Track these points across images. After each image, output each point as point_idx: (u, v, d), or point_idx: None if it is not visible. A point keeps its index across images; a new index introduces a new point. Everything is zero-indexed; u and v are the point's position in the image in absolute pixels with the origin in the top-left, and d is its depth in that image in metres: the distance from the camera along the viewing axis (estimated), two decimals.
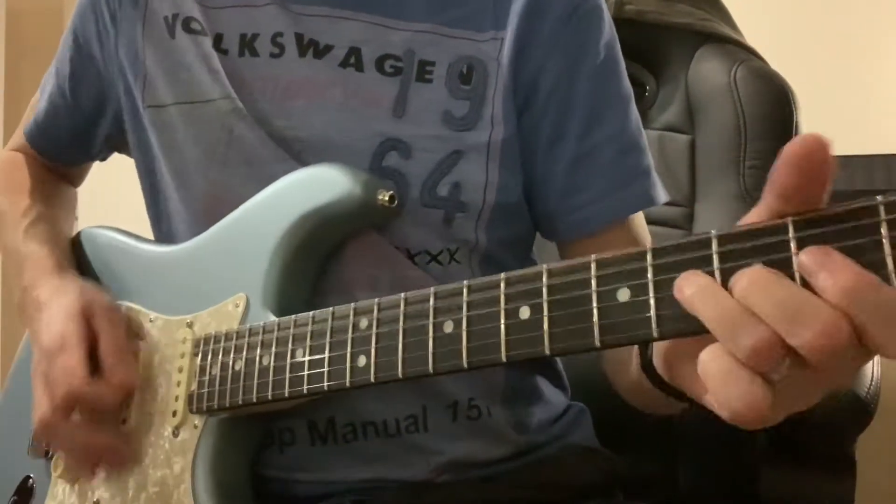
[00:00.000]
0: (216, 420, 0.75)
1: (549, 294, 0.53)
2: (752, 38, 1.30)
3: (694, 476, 1.14)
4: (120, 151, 1.02)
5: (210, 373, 0.74)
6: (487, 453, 0.83)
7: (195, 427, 0.75)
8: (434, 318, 0.58)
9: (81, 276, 0.88)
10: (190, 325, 0.79)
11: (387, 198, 0.74)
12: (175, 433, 0.76)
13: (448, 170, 0.80)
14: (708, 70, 1.26)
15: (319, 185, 0.76)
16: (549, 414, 0.89)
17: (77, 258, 0.94)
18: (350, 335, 0.64)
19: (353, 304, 0.65)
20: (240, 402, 0.71)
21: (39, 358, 0.80)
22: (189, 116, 0.85)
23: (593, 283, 0.51)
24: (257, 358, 0.70)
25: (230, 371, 0.72)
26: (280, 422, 0.79)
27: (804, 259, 0.43)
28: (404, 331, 0.60)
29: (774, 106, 1.21)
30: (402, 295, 0.61)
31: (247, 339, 0.72)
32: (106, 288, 0.88)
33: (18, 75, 2.18)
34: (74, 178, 1.09)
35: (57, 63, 0.99)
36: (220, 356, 0.74)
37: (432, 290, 0.59)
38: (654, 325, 0.48)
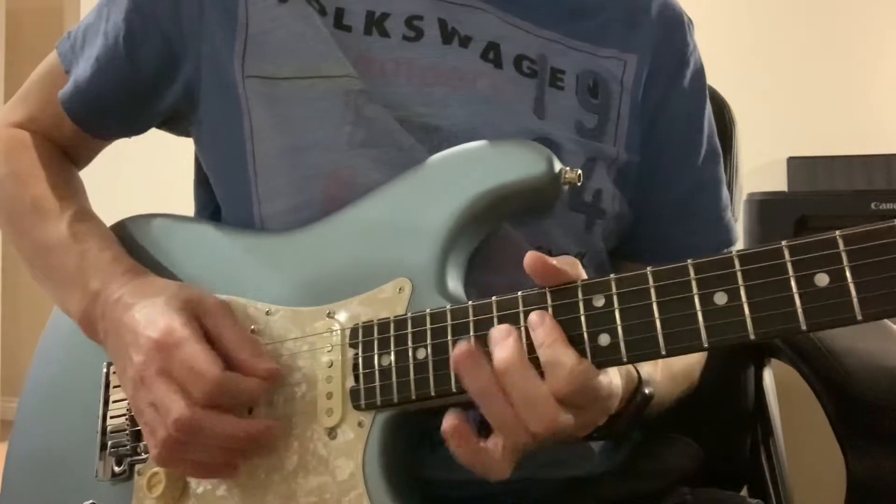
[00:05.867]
0: (384, 417, 0.68)
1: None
2: (752, 39, 1.31)
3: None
4: (172, 129, 0.92)
5: (379, 364, 0.67)
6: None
7: (360, 426, 0.68)
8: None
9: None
10: (331, 315, 0.72)
11: (575, 175, 0.70)
12: (332, 434, 0.69)
13: (589, 175, 0.80)
14: None
15: (503, 160, 0.70)
16: None
17: (139, 253, 0.84)
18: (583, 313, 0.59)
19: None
20: (432, 394, 0.64)
21: (146, 358, 0.69)
22: (309, 92, 0.78)
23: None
24: (449, 344, 0.64)
25: (411, 361, 0.65)
26: (434, 420, 0.72)
27: None
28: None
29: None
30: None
31: (428, 325, 0.65)
32: (194, 283, 0.78)
33: (18, 75, 2.10)
34: (81, 160, 0.97)
35: (103, 23, 0.87)
36: (391, 346, 0.67)
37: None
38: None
